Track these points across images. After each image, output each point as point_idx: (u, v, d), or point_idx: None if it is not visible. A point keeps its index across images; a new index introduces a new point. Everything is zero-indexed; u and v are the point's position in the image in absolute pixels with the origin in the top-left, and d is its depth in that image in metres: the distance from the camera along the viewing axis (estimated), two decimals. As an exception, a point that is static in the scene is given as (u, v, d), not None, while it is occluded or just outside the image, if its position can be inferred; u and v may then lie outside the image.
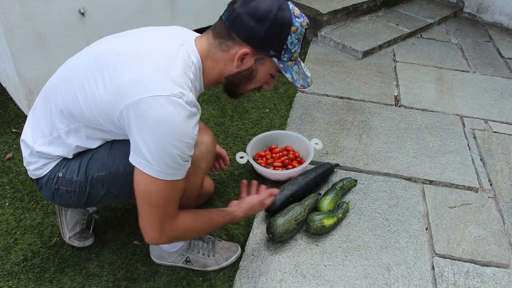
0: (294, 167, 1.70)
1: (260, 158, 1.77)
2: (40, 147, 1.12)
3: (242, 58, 1.05)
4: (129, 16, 2.13)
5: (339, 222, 1.58)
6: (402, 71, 2.75)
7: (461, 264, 1.47)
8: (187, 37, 1.10)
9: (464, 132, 2.17)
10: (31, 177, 1.20)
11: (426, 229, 1.59)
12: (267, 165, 1.73)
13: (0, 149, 1.86)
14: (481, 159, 1.99)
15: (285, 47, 1.04)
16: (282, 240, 1.48)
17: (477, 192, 1.79)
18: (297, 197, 1.58)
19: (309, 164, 1.75)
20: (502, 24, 3.66)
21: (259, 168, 1.66)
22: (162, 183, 0.99)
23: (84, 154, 1.14)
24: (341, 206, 1.59)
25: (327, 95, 2.42)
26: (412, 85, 2.59)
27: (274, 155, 1.78)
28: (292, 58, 1.08)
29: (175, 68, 1.00)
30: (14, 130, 1.98)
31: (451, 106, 2.40)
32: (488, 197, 1.77)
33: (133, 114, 0.95)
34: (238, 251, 1.43)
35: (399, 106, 2.37)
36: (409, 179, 1.83)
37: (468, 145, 2.07)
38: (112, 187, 1.16)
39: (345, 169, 1.86)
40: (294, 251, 1.47)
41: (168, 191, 1.01)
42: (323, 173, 1.72)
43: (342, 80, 2.59)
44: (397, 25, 3.30)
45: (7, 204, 1.60)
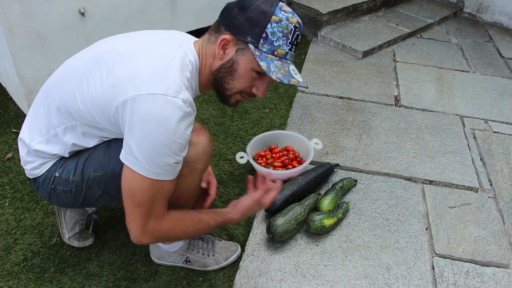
0: (294, 167, 1.70)
1: (260, 158, 1.77)
2: (38, 146, 1.12)
3: (225, 48, 1.05)
4: (129, 16, 2.13)
5: (339, 222, 1.58)
6: (402, 71, 2.75)
7: (461, 264, 1.47)
8: (187, 39, 1.12)
9: (464, 132, 2.17)
10: (28, 177, 1.20)
11: (426, 229, 1.59)
12: (267, 165, 1.73)
13: (0, 149, 1.87)
14: (481, 159, 1.99)
15: (264, 36, 1.01)
16: (282, 240, 1.48)
17: (477, 192, 1.79)
18: (297, 197, 1.58)
19: (309, 164, 1.75)
20: (502, 24, 3.66)
21: (259, 168, 1.66)
22: (149, 182, 0.98)
23: (81, 154, 1.14)
24: (341, 206, 1.59)
25: (327, 95, 2.42)
26: (412, 85, 2.59)
27: (274, 155, 1.78)
28: (276, 54, 1.04)
29: (172, 66, 1.00)
30: (14, 130, 1.98)
31: (451, 106, 2.40)
32: (488, 197, 1.77)
33: (128, 111, 0.95)
34: (238, 251, 1.43)
35: (399, 106, 2.37)
36: (409, 179, 1.83)
37: (468, 145, 2.07)
38: (108, 188, 1.15)
39: (345, 169, 1.86)
40: (294, 251, 1.47)
41: (154, 191, 1.00)
42: (323, 173, 1.72)
43: (342, 80, 2.59)
44: (397, 25, 3.30)
45: (7, 204, 1.60)
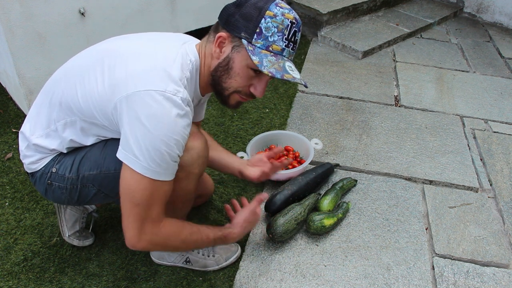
0: (294, 167, 1.70)
1: (260, 158, 1.77)
2: (37, 140, 1.13)
3: (221, 46, 1.05)
4: (129, 16, 2.13)
5: (339, 222, 1.58)
6: (402, 71, 2.75)
7: (461, 264, 1.47)
8: (189, 41, 1.13)
9: (464, 132, 2.17)
10: (27, 171, 1.21)
11: (426, 229, 1.59)
12: (267, 165, 1.72)
13: (0, 149, 1.87)
14: (481, 159, 1.99)
15: (258, 31, 1.00)
16: (282, 240, 1.48)
17: (477, 192, 1.79)
18: (297, 197, 1.58)
19: (309, 164, 1.75)
20: (502, 24, 3.66)
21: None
22: (147, 181, 0.98)
23: (78, 152, 1.15)
24: (341, 206, 1.59)
25: (327, 95, 2.42)
26: (412, 85, 2.59)
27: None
28: (271, 49, 1.02)
29: (173, 65, 1.01)
30: (14, 130, 1.98)
31: (451, 106, 2.40)
32: (488, 197, 1.77)
33: (126, 107, 0.96)
34: (238, 251, 1.43)
35: (399, 106, 2.37)
36: (409, 179, 1.83)
37: (468, 145, 2.07)
38: (103, 187, 1.16)
39: (345, 169, 1.86)
40: (294, 251, 1.47)
41: (152, 191, 1.00)
42: (323, 173, 1.72)
43: (342, 80, 2.59)
44: (397, 25, 3.30)
45: (7, 204, 1.60)
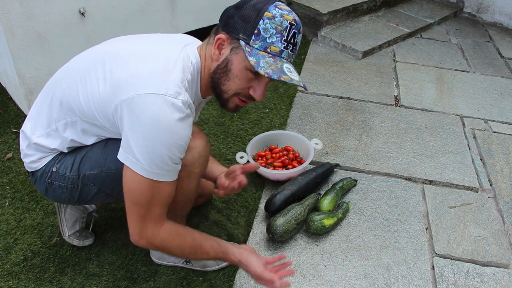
0: (294, 167, 1.70)
1: (260, 158, 1.77)
2: (38, 139, 1.13)
3: (220, 48, 1.05)
4: (129, 16, 2.13)
5: (339, 222, 1.58)
6: (402, 71, 2.75)
7: (461, 264, 1.47)
8: (191, 43, 1.13)
9: (464, 132, 2.17)
10: (27, 170, 1.21)
11: (426, 229, 1.59)
12: (267, 165, 1.73)
13: (0, 149, 1.86)
14: (481, 159, 1.99)
15: (256, 32, 0.99)
16: (282, 240, 1.48)
17: (477, 192, 1.79)
18: (297, 197, 1.58)
19: (309, 164, 1.75)
20: (502, 24, 3.66)
21: (259, 168, 1.66)
22: (148, 182, 0.98)
23: (79, 151, 1.15)
24: (341, 206, 1.59)
25: (327, 95, 2.42)
26: (412, 85, 2.59)
27: (274, 155, 1.78)
28: (269, 51, 1.00)
29: (174, 68, 1.01)
30: (14, 130, 1.98)
31: (451, 106, 2.40)
32: (488, 197, 1.77)
33: (127, 110, 0.96)
34: (238, 251, 1.43)
35: (399, 106, 2.37)
36: (409, 179, 1.83)
37: (468, 145, 2.07)
38: (104, 186, 1.16)
39: (345, 169, 1.86)
40: (294, 251, 1.47)
41: (154, 192, 1.00)
42: (323, 173, 1.72)
43: (342, 80, 2.59)
44: (397, 25, 3.30)
45: (7, 204, 1.60)
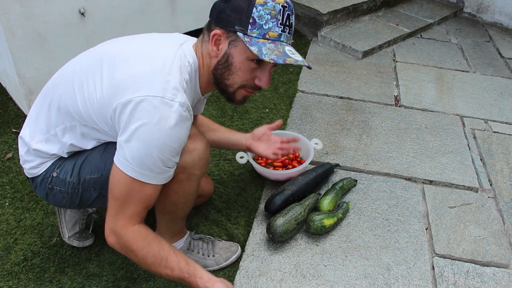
0: (294, 167, 1.70)
1: (260, 158, 1.77)
2: (37, 145, 1.12)
3: (217, 44, 1.04)
4: (129, 16, 2.13)
5: (339, 222, 1.58)
6: (402, 71, 2.75)
7: (461, 264, 1.47)
8: (186, 41, 1.12)
9: (464, 132, 2.17)
10: (27, 176, 1.20)
11: (426, 229, 1.59)
12: (267, 165, 1.73)
13: (0, 149, 1.86)
14: (481, 159, 1.99)
15: (252, 21, 0.99)
16: (282, 240, 1.48)
17: (477, 192, 1.79)
18: (297, 197, 1.58)
19: (309, 164, 1.75)
20: (502, 24, 3.66)
21: (259, 168, 1.66)
22: (127, 178, 0.99)
23: (79, 156, 1.15)
24: (341, 206, 1.59)
25: (327, 95, 2.42)
26: (412, 85, 2.59)
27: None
28: (268, 37, 1.00)
29: (171, 69, 1.00)
30: (14, 130, 1.98)
31: (451, 106, 2.40)
32: (488, 197, 1.77)
33: (124, 113, 0.96)
34: (238, 251, 1.43)
35: (399, 106, 2.37)
36: (409, 179, 1.83)
37: (468, 145, 2.07)
38: (104, 190, 1.15)
39: (345, 169, 1.86)
40: (294, 251, 1.47)
41: (132, 189, 1.00)
42: (323, 173, 1.72)
43: (342, 80, 2.59)
44: (397, 25, 3.30)
45: (7, 204, 1.60)
